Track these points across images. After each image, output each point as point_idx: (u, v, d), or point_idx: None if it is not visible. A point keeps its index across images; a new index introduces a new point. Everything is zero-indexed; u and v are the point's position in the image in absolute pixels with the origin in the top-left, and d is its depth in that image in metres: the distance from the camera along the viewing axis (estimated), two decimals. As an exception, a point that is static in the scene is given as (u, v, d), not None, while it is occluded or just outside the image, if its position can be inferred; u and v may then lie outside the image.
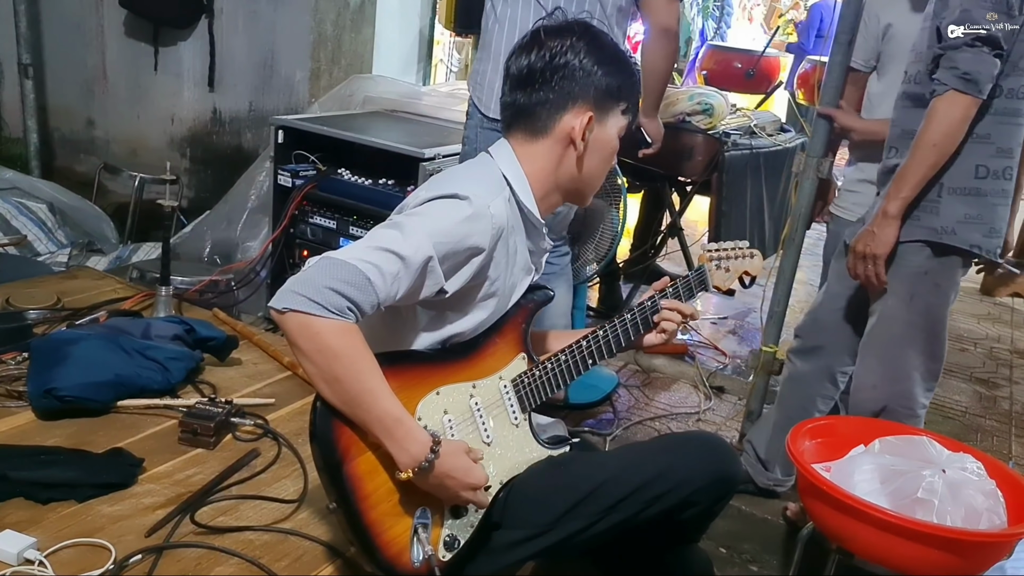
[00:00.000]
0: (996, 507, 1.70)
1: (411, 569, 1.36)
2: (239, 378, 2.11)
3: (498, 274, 1.48)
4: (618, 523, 1.46)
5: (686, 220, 4.36)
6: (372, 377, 1.30)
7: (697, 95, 3.53)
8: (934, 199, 1.98)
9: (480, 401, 1.49)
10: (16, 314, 2.22)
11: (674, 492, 1.47)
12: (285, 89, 4.01)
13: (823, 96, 2.46)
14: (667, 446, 1.67)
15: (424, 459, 1.31)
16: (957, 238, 1.97)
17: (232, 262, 3.46)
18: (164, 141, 4.42)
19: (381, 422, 1.30)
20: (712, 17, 8.19)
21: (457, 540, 1.43)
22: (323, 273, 1.26)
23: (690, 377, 3.39)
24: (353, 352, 1.28)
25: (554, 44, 1.46)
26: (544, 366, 1.55)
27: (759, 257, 1.76)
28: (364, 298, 1.27)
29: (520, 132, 1.51)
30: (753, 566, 2.27)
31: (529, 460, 1.54)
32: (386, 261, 1.29)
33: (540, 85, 1.46)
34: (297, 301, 1.24)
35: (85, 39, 4.50)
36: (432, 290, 1.37)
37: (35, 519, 1.47)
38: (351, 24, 4.01)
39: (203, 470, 1.69)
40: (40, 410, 1.78)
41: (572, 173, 1.52)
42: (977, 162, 1.95)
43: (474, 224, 1.38)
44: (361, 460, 1.35)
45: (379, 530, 1.35)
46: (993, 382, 3.84)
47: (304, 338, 1.26)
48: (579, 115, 1.47)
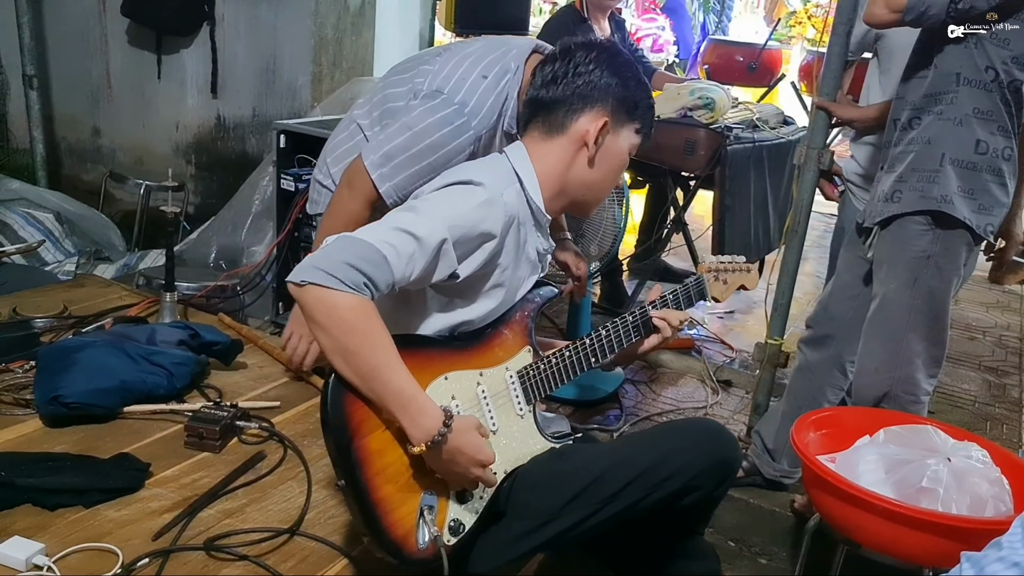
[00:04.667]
0: (1002, 494, 1.69)
1: (416, 551, 1.37)
2: (244, 382, 2.12)
3: (507, 263, 1.53)
4: (621, 511, 1.47)
5: (691, 215, 4.36)
6: (387, 351, 1.32)
7: (699, 89, 3.52)
8: (936, 168, 1.99)
9: (487, 389, 1.51)
10: (23, 323, 2.23)
11: (675, 477, 1.48)
12: (287, 94, 4.03)
13: (822, 87, 2.46)
14: (666, 433, 1.69)
15: (437, 432, 1.32)
16: (954, 208, 1.98)
17: (237, 267, 3.48)
18: (169, 148, 4.45)
19: (395, 396, 1.32)
20: (713, 11, 8.17)
21: (462, 525, 1.44)
22: (341, 249, 1.30)
23: (697, 372, 3.39)
24: (368, 326, 1.30)
25: (581, 54, 1.56)
26: (549, 360, 1.58)
27: (755, 272, 1.84)
28: (380, 275, 1.30)
29: (537, 130, 1.59)
30: (762, 559, 2.27)
31: (533, 452, 1.55)
32: (402, 241, 1.33)
33: (562, 85, 1.55)
34: (315, 275, 1.27)
35: (89, 49, 4.53)
36: (445, 273, 1.41)
37: (43, 525, 1.48)
38: (351, 27, 4.02)
39: (209, 473, 1.70)
40: (47, 417, 1.79)
41: (581, 177, 1.58)
42: (979, 137, 1.96)
43: (488, 210, 1.43)
44: (372, 438, 1.36)
45: (386, 509, 1.36)
46: (1002, 370, 3.83)
47: (321, 311, 1.28)
48: (595, 119, 1.55)
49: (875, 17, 1.99)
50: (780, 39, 7.48)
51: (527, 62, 1.92)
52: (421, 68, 1.99)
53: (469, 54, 1.93)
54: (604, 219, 2.80)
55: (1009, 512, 1.67)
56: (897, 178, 2.05)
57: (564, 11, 3.88)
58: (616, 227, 2.87)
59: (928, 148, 2.00)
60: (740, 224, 3.57)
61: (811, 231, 2.74)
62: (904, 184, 2.04)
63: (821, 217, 5.83)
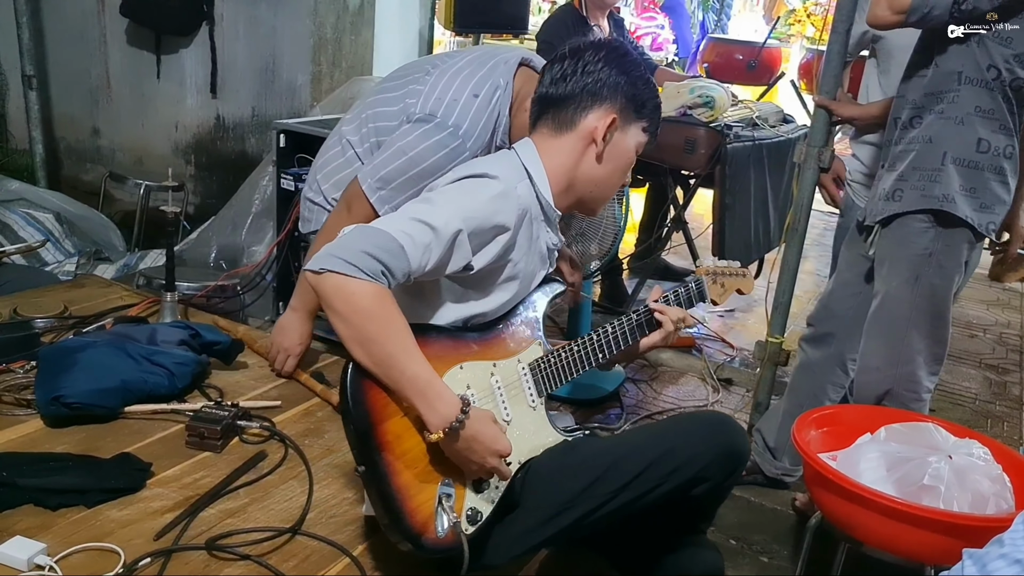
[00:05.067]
0: (1003, 492, 1.69)
1: (435, 538, 1.38)
2: (245, 381, 2.12)
3: (520, 257, 1.55)
4: (632, 500, 1.49)
5: (691, 213, 4.37)
6: (405, 339, 1.34)
7: (698, 88, 3.52)
8: (938, 167, 1.99)
9: (500, 380, 1.53)
10: (24, 323, 2.23)
11: (685, 468, 1.50)
12: (287, 93, 4.03)
13: (821, 85, 2.45)
14: (676, 425, 1.71)
15: (455, 419, 1.33)
16: (956, 206, 1.98)
17: (238, 267, 3.47)
18: (168, 148, 4.45)
19: (413, 383, 1.33)
20: (712, 9, 8.17)
21: (480, 514, 1.45)
22: (359, 239, 1.32)
23: (698, 370, 3.39)
24: (387, 313, 1.31)
25: (590, 53, 1.58)
26: (559, 354, 1.61)
27: (751, 277, 1.87)
28: (397, 264, 1.32)
29: (546, 126, 1.60)
30: (763, 557, 2.27)
31: (545, 444, 1.57)
32: (419, 231, 1.35)
33: (572, 82, 1.57)
34: (334, 263, 1.29)
35: (88, 49, 4.53)
36: (460, 264, 1.43)
37: (45, 525, 1.48)
38: (351, 27, 4.02)
39: (211, 473, 1.70)
40: (48, 417, 1.80)
41: (589, 173, 1.60)
42: (980, 135, 1.96)
43: (502, 202, 1.46)
44: (390, 424, 1.37)
45: (406, 495, 1.37)
46: (1003, 368, 3.83)
47: (340, 299, 1.30)
48: (604, 116, 1.56)
49: (878, 19, 1.99)
50: (779, 37, 7.48)
51: (516, 75, 1.95)
52: (411, 88, 2.00)
53: (459, 71, 1.94)
54: (605, 218, 2.79)
55: (1011, 509, 1.67)
56: (898, 176, 2.05)
57: (563, 10, 3.87)
58: (617, 226, 2.86)
59: (929, 147, 2.00)
60: (740, 222, 3.56)
61: (811, 229, 2.75)
62: (905, 183, 2.03)
63: (821, 215, 5.84)
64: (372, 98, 2.11)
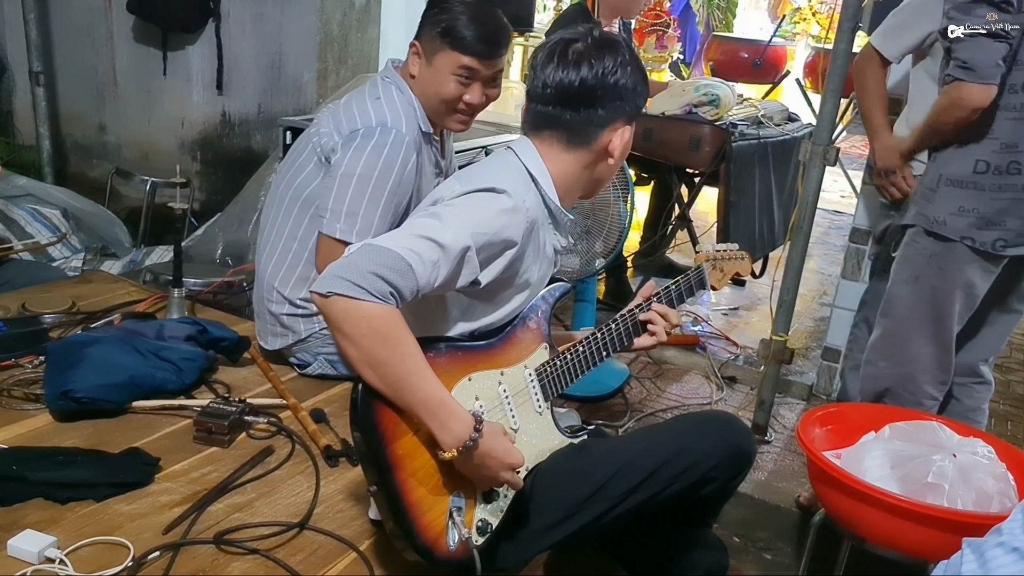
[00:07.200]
0: (1007, 490, 1.70)
1: (447, 552, 1.38)
2: (252, 377, 2.13)
3: (527, 267, 1.53)
4: (642, 503, 1.49)
5: (695, 211, 4.36)
6: (416, 359, 1.31)
7: (703, 86, 3.53)
8: (932, 188, 2.05)
9: (508, 388, 1.52)
10: (32, 318, 2.24)
11: (693, 469, 1.50)
12: (293, 90, 4.03)
13: (828, 83, 2.46)
14: (683, 426, 1.70)
15: (469, 438, 1.32)
16: (947, 228, 2.03)
17: (244, 263, 3.47)
18: (175, 145, 4.46)
19: (425, 404, 1.31)
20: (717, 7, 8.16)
21: (489, 525, 1.45)
22: (366, 259, 1.28)
23: (702, 368, 3.39)
24: (397, 335, 1.29)
25: (606, 62, 1.49)
26: (564, 356, 1.59)
27: (748, 259, 1.88)
28: (405, 283, 1.29)
29: (555, 139, 1.54)
30: (767, 554, 2.27)
31: (551, 448, 1.57)
32: (426, 249, 1.32)
33: (591, 104, 1.50)
34: (342, 285, 1.25)
35: (95, 45, 4.54)
36: (467, 280, 1.41)
37: (55, 519, 1.50)
38: (357, 24, 4.02)
39: (218, 468, 1.71)
40: (57, 412, 1.81)
41: (597, 177, 1.60)
42: (977, 157, 1.99)
43: (511, 217, 1.42)
44: (401, 443, 1.36)
45: (417, 512, 1.36)
46: (1006, 367, 3.83)
47: (349, 322, 1.27)
48: (620, 130, 1.54)
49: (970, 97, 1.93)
50: (784, 35, 7.48)
51: (390, 68, 2.07)
52: (312, 142, 2.05)
53: (344, 101, 2.04)
54: (610, 216, 2.80)
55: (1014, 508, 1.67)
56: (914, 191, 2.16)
57: (572, 10, 3.87)
58: (621, 224, 2.87)
59: (932, 166, 2.08)
60: (745, 220, 3.57)
61: (816, 228, 2.75)
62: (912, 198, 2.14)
63: (826, 214, 5.83)
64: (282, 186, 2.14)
